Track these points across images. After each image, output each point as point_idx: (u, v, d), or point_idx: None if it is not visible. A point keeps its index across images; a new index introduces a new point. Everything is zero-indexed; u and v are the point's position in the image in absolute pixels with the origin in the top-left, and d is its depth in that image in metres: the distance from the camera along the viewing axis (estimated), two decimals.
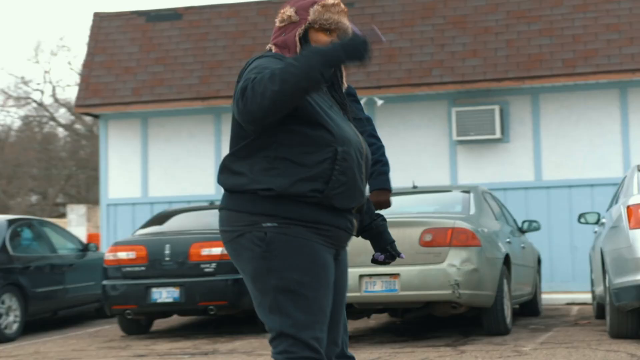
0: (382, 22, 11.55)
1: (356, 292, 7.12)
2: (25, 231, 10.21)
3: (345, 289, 2.82)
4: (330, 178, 2.59)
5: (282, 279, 2.59)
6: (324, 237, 2.65)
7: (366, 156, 2.74)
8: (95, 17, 12.49)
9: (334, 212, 2.65)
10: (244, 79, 2.57)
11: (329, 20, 2.72)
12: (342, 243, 2.74)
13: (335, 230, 2.67)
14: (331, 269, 2.67)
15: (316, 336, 2.59)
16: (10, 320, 9.14)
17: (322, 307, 2.62)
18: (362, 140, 2.76)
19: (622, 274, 6.64)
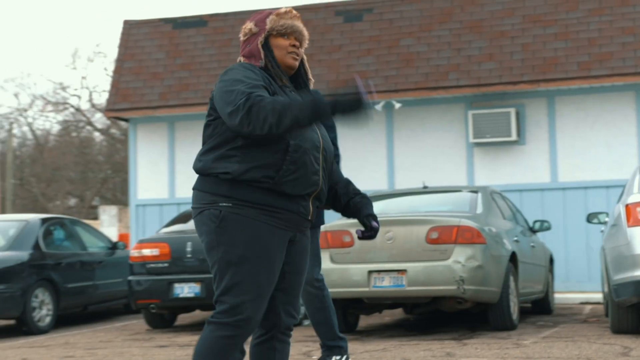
0: (400, 27, 11.86)
1: (365, 287, 7.44)
2: (58, 230, 10.71)
3: (302, 269, 3.17)
4: (281, 167, 2.96)
5: (226, 252, 2.98)
6: (276, 219, 3.01)
7: (324, 149, 3.09)
8: (125, 25, 13.00)
9: (285, 198, 3.01)
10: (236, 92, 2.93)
11: (284, 25, 3.11)
12: (297, 226, 3.09)
13: (288, 214, 3.03)
14: (277, 249, 3.02)
15: (246, 308, 2.96)
16: (43, 313, 9.64)
17: (259, 283, 2.98)
18: (320, 134, 3.10)
19: (621, 270, 6.86)
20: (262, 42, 3.11)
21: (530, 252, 8.83)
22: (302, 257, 3.17)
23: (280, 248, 3.05)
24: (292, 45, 3.11)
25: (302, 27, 3.17)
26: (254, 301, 2.99)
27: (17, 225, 10.16)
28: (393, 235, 7.47)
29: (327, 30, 12.15)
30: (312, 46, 12.16)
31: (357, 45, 11.93)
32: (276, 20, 3.12)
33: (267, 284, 3.01)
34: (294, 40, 3.11)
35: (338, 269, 7.56)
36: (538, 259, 9.17)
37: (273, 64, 3.09)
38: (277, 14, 3.14)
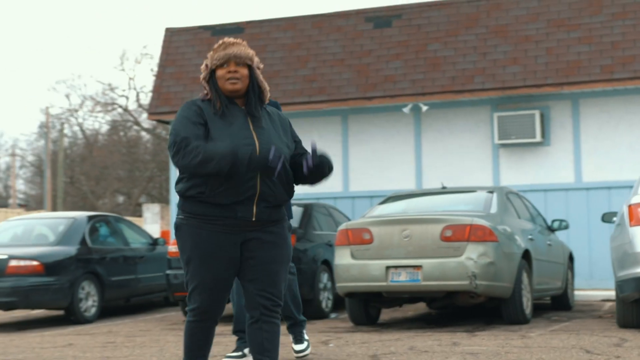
0: (428, 32, 12.36)
1: (383, 281, 8.00)
2: (103, 226, 11.50)
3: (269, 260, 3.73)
4: (209, 183, 3.65)
5: (181, 255, 3.78)
6: (216, 225, 3.68)
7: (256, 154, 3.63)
8: (166, 32, 13.76)
9: (221, 207, 3.67)
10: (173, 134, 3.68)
11: (218, 57, 3.74)
12: (241, 227, 3.70)
13: (226, 219, 3.67)
14: (221, 250, 3.70)
15: (196, 299, 3.75)
16: (89, 304, 10.43)
17: (203, 278, 3.71)
18: (256, 142, 3.66)
19: (625, 267, 7.30)
20: (206, 78, 3.78)
21: (546, 250, 9.27)
22: (265, 250, 3.74)
23: (226, 248, 3.71)
24: (228, 72, 3.71)
25: (239, 50, 3.75)
26: (200, 294, 3.74)
27: (66, 222, 10.97)
28: (410, 233, 8.00)
29: (357, 35, 12.71)
30: (343, 51, 12.74)
31: (386, 50, 12.46)
32: (212, 55, 3.78)
33: (212, 279, 3.73)
34: (231, 67, 3.70)
35: (358, 264, 8.13)
36: (555, 256, 9.59)
37: (213, 94, 3.73)
38: (214, 49, 3.80)
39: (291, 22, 13.18)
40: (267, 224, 3.76)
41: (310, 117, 12.96)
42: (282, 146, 3.73)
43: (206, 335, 3.82)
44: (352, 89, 12.41)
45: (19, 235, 11.22)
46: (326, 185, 12.90)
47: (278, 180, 3.71)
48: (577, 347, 6.21)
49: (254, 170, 3.63)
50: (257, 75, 3.78)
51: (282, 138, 3.76)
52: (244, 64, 3.74)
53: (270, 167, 3.61)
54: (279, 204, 3.78)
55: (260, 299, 3.73)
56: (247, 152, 3.61)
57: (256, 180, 3.67)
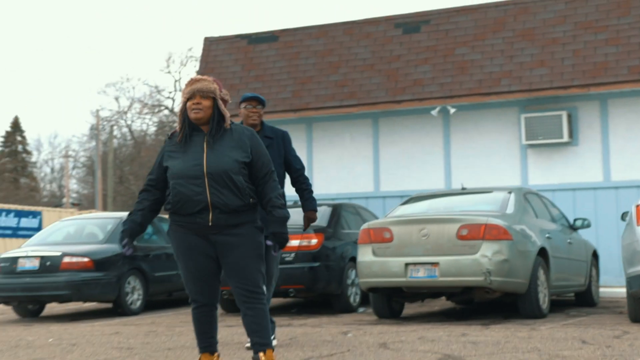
0: (456, 37, 12.90)
1: (402, 277, 8.63)
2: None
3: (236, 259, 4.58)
4: (170, 201, 4.60)
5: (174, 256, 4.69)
6: (185, 229, 4.61)
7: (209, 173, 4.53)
8: (205, 41, 14.58)
9: (185, 215, 4.58)
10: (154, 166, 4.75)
11: (185, 92, 4.66)
12: (202, 231, 4.58)
13: (190, 225, 4.63)
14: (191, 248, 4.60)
15: (187, 289, 4.76)
16: (135, 297, 11.31)
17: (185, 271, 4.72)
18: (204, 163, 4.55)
19: (632, 264, 7.79)
20: (181, 109, 4.68)
21: (566, 248, 9.76)
22: (232, 251, 4.60)
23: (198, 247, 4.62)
24: (193, 104, 4.60)
25: (202, 85, 4.63)
26: (189, 284, 4.72)
27: (113, 222, 11.89)
28: (428, 232, 8.62)
29: (386, 41, 13.33)
30: (373, 57, 13.37)
31: (414, 55, 13.05)
32: (183, 91, 4.68)
33: (194, 271, 4.63)
34: (196, 99, 4.60)
35: (379, 261, 8.78)
36: (576, 254, 10.06)
37: (181, 124, 4.66)
38: (185, 85, 4.69)
39: (323, 30, 13.86)
40: (227, 228, 4.56)
41: (342, 121, 13.63)
42: (228, 161, 4.57)
43: (208, 319, 4.66)
44: (382, 93, 13.04)
45: (72, 234, 12.18)
46: (358, 185, 13.58)
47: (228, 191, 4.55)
48: (577, 338, 6.75)
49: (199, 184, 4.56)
50: (219, 105, 4.65)
51: (230, 155, 4.60)
52: (208, 96, 4.59)
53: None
54: (235, 210, 4.55)
55: (238, 290, 4.57)
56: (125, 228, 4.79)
57: (205, 193, 4.51)
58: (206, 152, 4.57)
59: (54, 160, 57.14)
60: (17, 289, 11.05)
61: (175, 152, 4.66)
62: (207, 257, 4.63)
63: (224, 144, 4.61)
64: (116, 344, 7.48)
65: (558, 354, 5.75)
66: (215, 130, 4.60)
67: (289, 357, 6.07)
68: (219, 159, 4.55)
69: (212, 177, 4.53)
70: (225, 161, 4.55)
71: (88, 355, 6.70)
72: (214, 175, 4.54)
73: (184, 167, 4.58)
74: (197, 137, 4.63)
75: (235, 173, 4.55)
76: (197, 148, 4.60)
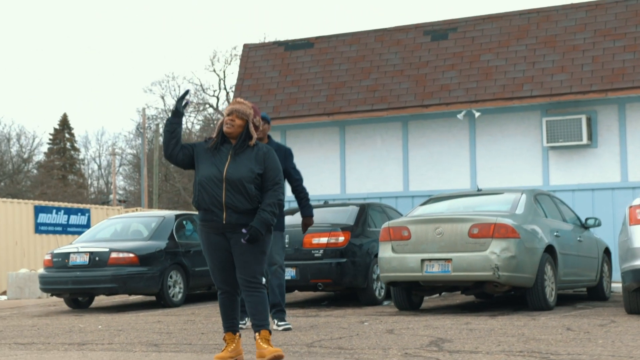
0: (481, 43, 13.86)
1: (419, 272, 9.67)
2: (188, 223, 13.61)
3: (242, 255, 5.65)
4: (195, 194, 5.69)
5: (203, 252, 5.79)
6: (209, 228, 5.69)
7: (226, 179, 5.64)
8: (244, 48, 15.78)
9: (206, 212, 5.66)
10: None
11: (227, 109, 5.81)
12: (220, 228, 5.65)
13: (210, 223, 5.66)
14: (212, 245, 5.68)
15: (216, 279, 5.83)
16: (176, 291, 12.54)
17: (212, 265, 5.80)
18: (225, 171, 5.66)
19: (625, 261, 8.72)
20: (219, 122, 5.85)
21: (575, 245, 10.68)
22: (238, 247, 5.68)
23: (217, 243, 5.69)
24: (228, 119, 5.75)
25: (240, 107, 5.80)
26: (212, 275, 5.82)
27: (157, 220, 13.15)
28: (442, 231, 9.64)
29: (415, 48, 14.35)
30: (403, 63, 14.40)
31: (442, 61, 14.05)
32: (226, 109, 5.84)
33: (215, 264, 5.74)
34: (232, 117, 5.76)
35: (398, 257, 9.84)
36: (586, 251, 10.97)
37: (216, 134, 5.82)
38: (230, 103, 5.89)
39: (356, 37, 14.94)
40: (239, 227, 5.66)
41: (373, 124, 14.70)
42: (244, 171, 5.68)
43: (231, 304, 5.78)
44: (411, 98, 14.07)
45: (118, 231, 13.48)
46: (388, 185, 14.64)
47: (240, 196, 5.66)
48: (565, 326, 7.72)
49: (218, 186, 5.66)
50: (249, 127, 5.80)
51: (248, 166, 5.73)
52: (242, 118, 5.76)
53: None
54: (245, 212, 5.66)
55: (240, 279, 5.71)
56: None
57: (222, 194, 5.65)
58: (229, 162, 5.71)
59: (101, 157, 59.22)
60: (68, 282, 12.37)
61: (205, 155, 5.78)
62: (225, 252, 5.72)
63: (245, 157, 5.74)
64: (157, 330, 8.68)
65: (536, 337, 6.75)
66: (239, 146, 5.75)
67: (303, 339, 7.19)
68: (238, 169, 5.68)
69: (229, 183, 5.65)
70: (242, 171, 5.68)
71: (132, 339, 7.89)
72: (230, 181, 5.66)
73: (209, 171, 5.70)
74: (225, 148, 5.77)
75: (248, 182, 5.66)
76: (223, 157, 5.72)
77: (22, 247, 23.24)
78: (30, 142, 56.93)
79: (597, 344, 6.21)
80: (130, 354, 6.63)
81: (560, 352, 5.79)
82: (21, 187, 52.35)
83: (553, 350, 5.91)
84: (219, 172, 5.71)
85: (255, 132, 5.85)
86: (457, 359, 5.61)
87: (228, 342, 5.87)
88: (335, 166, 14.99)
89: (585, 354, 5.66)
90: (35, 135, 68.26)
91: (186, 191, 38.82)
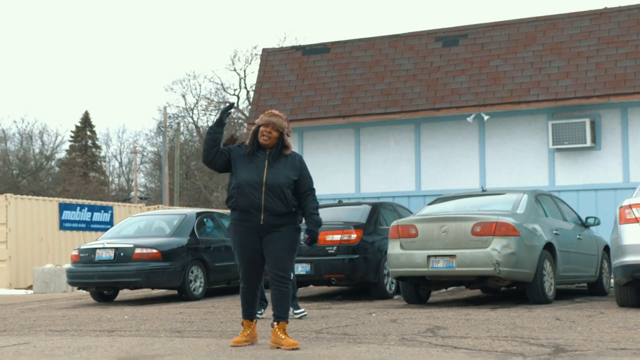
0: (490, 50, 14.60)
1: (425, 267, 10.46)
2: (208, 221, 14.47)
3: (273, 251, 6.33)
4: (233, 197, 6.33)
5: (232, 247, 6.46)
6: (244, 228, 6.35)
7: (266, 184, 6.29)
8: (263, 52, 16.63)
9: (243, 213, 6.32)
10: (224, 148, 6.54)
11: (264, 120, 6.45)
12: (255, 228, 6.31)
13: (246, 222, 6.33)
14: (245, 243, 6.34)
15: (242, 273, 6.49)
16: (197, 285, 13.40)
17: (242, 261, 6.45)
18: (265, 176, 6.32)
19: (616, 257, 9.47)
20: (253, 130, 6.52)
21: (575, 243, 11.42)
22: (272, 243, 6.35)
23: (250, 243, 6.34)
24: (265, 131, 6.38)
25: (277, 120, 6.43)
26: (242, 270, 6.45)
27: (179, 218, 14.02)
28: (447, 229, 10.42)
29: (427, 54, 15.12)
30: (415, 67, 15.18)
31: (453, 66, 14.82)
32: (262, 118, 6.48)
33: (244, 261, 6.40)
34: (269, 129, 6.38)
35: (406, 253, 10.63)
36: (586, 248, 11.70)
37: (251, 141, 6.45)
38: (264, 114, 6.52)
39: (370, 43, 15.75)
40: (274, 227, 6.34)
41: (387, 126, 15.50)
42: (282, 178, 6.35)
43: (252, 295, 6.49)
44: (423, 101, 14.85)
45: (142, 228, 14.36)
46: (401, 184, 15.43)
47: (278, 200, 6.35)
48: (555, 317, 8.47)
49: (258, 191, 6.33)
50: (284, 138, 6.46)
51: (285, 173, 6.40)
52: (278, 130, 6.42)
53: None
54: (281, 215, 6.35)
55: (271, 273, 6.38)
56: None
57: (261, 198, 6.33)
58: (267, 168, 6.36)
59: (122, 154, 60.41)
60: (94, 276, 13.24)
61: (242, 160, 6.39)
62: (255, 252, 6.36)
63: (281, 164, 6.41)
64: (180, 319, 9.54)
65: (525, 326, 7.52)
66: (276, 154, 6.39)
67: (313, 326, 8.02)
68: (276, 175, 6.34)
69: (268, 188, 6.31)
70: (280, 177, 6.34)
71: (157, 326, 8.75)
72: (270, 186, 6.32)
73: (248, 176, 6.33)
74: (261, 155, 6.39)
75: (286, 187, 6.32)
76: (260, 163, 6.35)
77: (47, 243, 24.24)
78: (52, 140, 58.26)
79: (575, 331, 6.98)
80: (156, 339, 7.47)
81: (540, 337, 6.56)
82: (43, 184, 53.59)
83: (534, 336, 6.69)
84: (258, 177, 6.33)
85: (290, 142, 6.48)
86: (447, 342, 6.41)
87: (245, 327, 6.60)
88: (350, 166, 15.82)
89: (562, 338, 6.44)
90: (58, 133, 69.67)
91: (207, 189, 39.79)
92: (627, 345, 5.96)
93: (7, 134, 55.73)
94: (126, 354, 6.37)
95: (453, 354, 5.79)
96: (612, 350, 5.76)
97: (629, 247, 9.18)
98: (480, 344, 6.22)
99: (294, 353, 6.06)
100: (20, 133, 55.83)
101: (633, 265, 9.11)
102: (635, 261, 9.09)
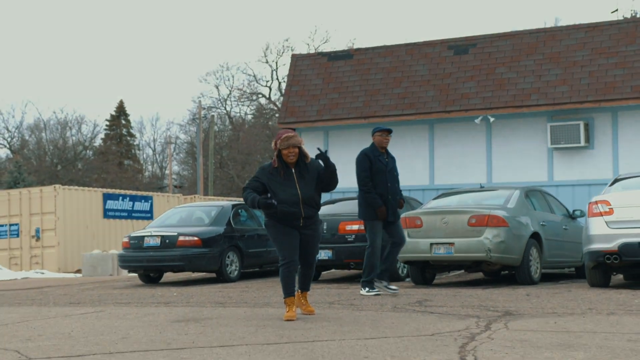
0: (496, 58, 16.74)
1: (428, 253, 12.69)
2: (242, 212, 16.82)
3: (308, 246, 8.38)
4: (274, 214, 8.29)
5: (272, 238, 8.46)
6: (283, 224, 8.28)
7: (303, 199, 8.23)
8: (292, 58, 18.92)
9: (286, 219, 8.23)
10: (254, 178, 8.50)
11: (283, 144, 8.31)
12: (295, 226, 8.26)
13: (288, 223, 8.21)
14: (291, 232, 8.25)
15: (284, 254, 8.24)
16: (233, 268, 15.76)
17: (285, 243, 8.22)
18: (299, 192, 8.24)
19: (586, 244, 11.63)
20: (276, 154, 8.39)
21: (561, 233, 13.58)
22: (307, 237, 8.37)
23: (289, 231, 8.27)
24: (289, 152, 8.08)
25: (295, 140, 8.16)
26: (281, 251, 8.27)
27: (216, 209, 16.37)
28: (447, 220, 12.64)
29: (440, 61, 17.30)
30: (429, 73, 17.37)
31: (463, 72, 16.98)
32: (280, 143, 8.29)
33: (286, 242, 8.28)
34: (290, 150, 8.10)
35: (412, 241, 12.86)
36: (570, 237, 13.84)
37: (279, 164, 8.32)
38: (280, 139, 8.32)
39: (389, 50, 17.96)
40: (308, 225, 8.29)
41: (403, 126, 17.71)
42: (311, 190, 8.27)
43: (292, 275, 8.34)
44: (436, 104, 17.05)
45: (184, 218, 16.74)
46: (416, 179, 17.67)
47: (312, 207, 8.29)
48: (524, 293, 10.66)
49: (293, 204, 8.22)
50: (303, 151, 8.44)
51: (312, 184, 8.31)
52: (296, 146, 8.46)
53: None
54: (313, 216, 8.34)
55: (303, 259, 8.41)
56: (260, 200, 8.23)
57: (300, 210, 8.26)
58: (298, 184, 8.10)
59: (156, 142, 63.03)
60: (143, 261, 15.64)
61: (274, 180, 8.05)
62: (295, 237, 8.18)
63: (308, 175, 8.23)
64: (220, 296, 11.90)
65: (494, 299, 9.74)
66: (302, 167, 8.21)
67: (327, 299, 10.31)
68: (307, 188, 8.18)
69: (304, 201, 8.19)
70: (311, 190, 8.23)
71: (203, 300, 11.10)
72: (306, 199, 8.23)
73: (286, 195, 8.01)
74: (289, 171, 8.12)
75: (317, 195, 8.28)
76: (291, 179, 8.05)
77: (92, 230, 26.82)
78: (90, 130, 61.01)
79: (530, 302, 9.20)
80: (203, 308, 9.82)
81: (499, 306, 8.80)
82: (79, 172, 56.32)
83: (496, 305, 8.92)
84: (294, 195, 8.06)
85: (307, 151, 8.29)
86: (427, 310, 8.68)
87: (289, 305, 8.20)
88: None
89: (515, 307, 8.67)
90: (96, 124, 72.72)
91: (239, 178, 42.07)
92: (559, 311, 8.18)
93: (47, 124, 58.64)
94: (183, 317, 8.73)
95: (428, 316, 8.06)
96: (545, 313, 7.99)
97: (594, 236, 11.34)
98: (450, 310, 8.49)
99: (309, 316, 8.38)
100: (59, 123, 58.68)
101: (598, 252, 11.26)
102: (599, 248, 11.25)
